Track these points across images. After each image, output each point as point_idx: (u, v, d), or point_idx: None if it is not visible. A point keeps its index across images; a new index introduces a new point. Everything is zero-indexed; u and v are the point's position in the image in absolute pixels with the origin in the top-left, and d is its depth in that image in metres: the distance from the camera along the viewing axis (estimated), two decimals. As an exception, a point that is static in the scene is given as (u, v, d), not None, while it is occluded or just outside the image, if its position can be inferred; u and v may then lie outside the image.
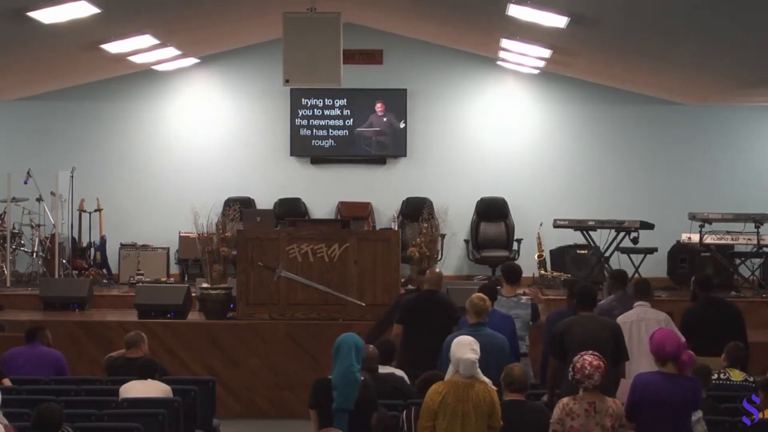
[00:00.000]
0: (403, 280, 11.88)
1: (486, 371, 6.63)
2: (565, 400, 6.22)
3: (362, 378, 6.54)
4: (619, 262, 13.59)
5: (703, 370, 7.25)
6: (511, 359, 7.67)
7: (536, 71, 15.31)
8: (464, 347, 6.30)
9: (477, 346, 6.31)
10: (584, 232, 13.79)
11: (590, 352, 6.34)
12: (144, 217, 15.40)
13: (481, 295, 7.92)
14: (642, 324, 8.69)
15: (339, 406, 6.36)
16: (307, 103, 15.58)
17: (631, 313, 8.81)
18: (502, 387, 6.66)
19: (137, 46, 13.20)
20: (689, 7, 9.61)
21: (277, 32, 12.16)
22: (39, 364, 9.00)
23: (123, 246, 14.77)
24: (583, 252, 14.24)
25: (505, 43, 13.36)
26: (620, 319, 8.71)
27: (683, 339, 6.90)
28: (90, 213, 14.74)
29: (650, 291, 9.21)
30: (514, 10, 10.64)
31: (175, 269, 14.91)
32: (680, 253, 14.18)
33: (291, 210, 15.14)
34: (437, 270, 9.63)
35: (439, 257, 13.37)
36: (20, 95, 15.43)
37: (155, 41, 13.12)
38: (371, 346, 7.63)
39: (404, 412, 6.76)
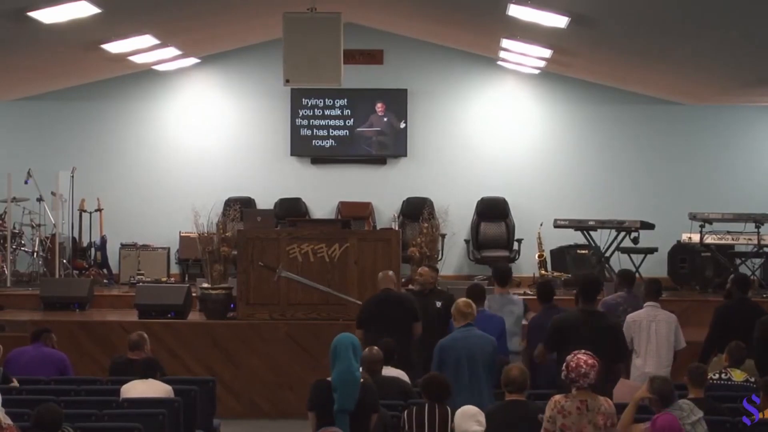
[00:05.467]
0: (403, 280, 11.88)
1: (475, 371, 6.68)
2: (557, 397, 6.20)
3: (362, 379, 6.52)
4: (619, 262, 13.61)
5: (698, 370, 7.25)
6: (501, 357, 7.73)
7: (536, 71, 15.31)
8: (469, 420, 6.28)
9: (482, 417, 6.28)
10: (585, 232, 13.79)
11: (584, 351, 6.32)
12: (144, 217, 15.40)
13: (467, 300, 7.95)
14: (653, 324, 8.75)
15: (341, 406, 6.34)
16: (307, 103, 15.58)
17: (641, 313, 8.84)
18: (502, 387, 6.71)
19: (137, 46, 13.19)
20: (689, 7, 9.61)
21: (277, 32, 12.16)
22: (43, 364, 9.02)
23: (123, 246, 14.77)
24: (583, 252, 14.23)
25: (505, 43, 13.36)
26: (630, 318, 8.77)
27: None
28: (90, 213, 14.74)
29: (660, 291, 9.26)
30: (515, 10, 10.64)
31: (175, 269, 14.91)
32: (681, 253, 14.18)
33: (291, 210, 15.15)
34: (390, 272, 9.72)
35: (440, 257, 13.39)
36: (20, 95, 15.44)
37: (155, 41, 13.12)
38: (375, 347, 7.65)
39: (405, 412, 6.77)
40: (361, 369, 7.36)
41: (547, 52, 13.30)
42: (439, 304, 9.44)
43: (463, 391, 7.37)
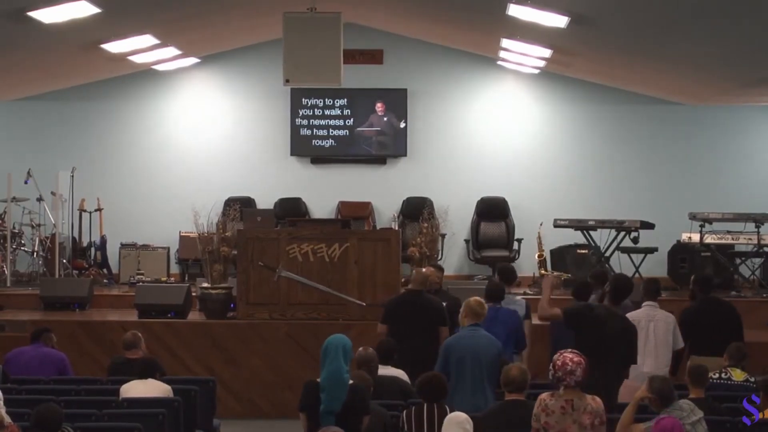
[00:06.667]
0: (403, 279, 11.88)
1: (478, 371, 6.67)
2: (543, 395, 6.19)
3: (352, 381, 6.51)
4: (619, 261, 13.61)
5: (699, 370, 7.25)
6: (507, 360, 7.72)
7: (536, 71, 15.30)
8: (455, 427, 6.26)
9: (470, 426, 6.28)
10: (584, 231, 13.79)
11: (570, 349, 6.32)
12: (144, 216, 15.40)
13: (479, 300, 7.95)
14: (651, 324, 8.76)
15: (326, 408, 6.33)
16: (307, 102, 15.57)
17: (640, 313, 8.84)
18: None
19: (137, 46, 13.19)
20: (689, 7, 9.61)
21: (277, 32, 12.16)
22: (42, 364, 9.03)
23: (123, 246, 14.77)
24: (583, 252, 14.22)
25: (505, 42, 13.36)
26: (629, 317, 8.74)
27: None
28: (90, 213, 14.73)
29: (659, 291, 9.26)
30: (515, 10, 10.64)
31: (175, 269, 14.91)
32: (680, 253, 14.18)
33: (291, 210, 15.14)
34: (423, 270, 9.67)
35: (440, 257, 13.37)
36: (20, 95, 15.44)
37: (155, 41, 13.12)
38: (370, 348, 7.64)
39: (404, 412, 6.77)
40: (358, 369, 7.39)
41: (547, 52, 13.30)
42: (443, 305, 9.43)
43: (465, 390, 7.38)
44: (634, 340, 7.74)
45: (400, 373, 7.90)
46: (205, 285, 11.81)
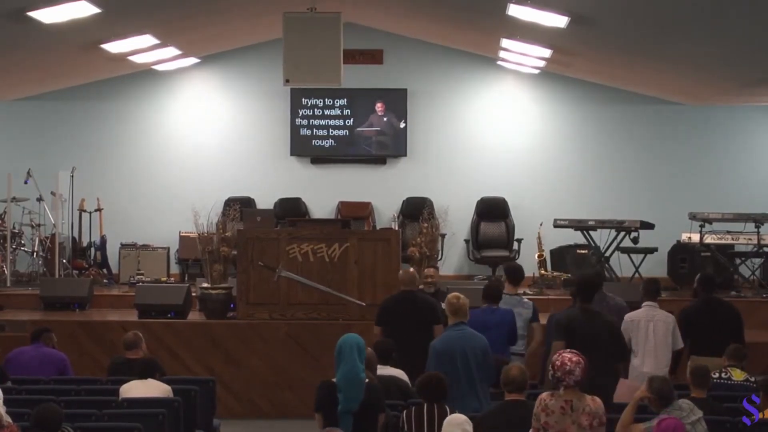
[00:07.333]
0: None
1: (469, 370, 6.67)
2: (543, 395, 6.19)
3: (367, 379, 6.52)
4: (619, 261, 13.63)
5: (701, 370, 7.25)
6: (499, 358, 7.71)
7: (536, 71, 15.31)
8: (456, 428, 6.25)
9: (470, 426, 6.28)
10: (584, 231, 13.79)
11: (568, 350, 6.33)
12: (144, 216, 15.40)
13: (456, 293, 7.90)
14: (650, 324, 8.76)
15: (344, 407, 6.34)
16: (307, 102, 15.57)
17: (639, 313, 8.86)
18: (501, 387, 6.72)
19: (137, 46, 13.19)
20: (689, 7, 9.62)
21: (277, 32, 12.17)
22: (42, 364, 9.03)
23: (123, 246, 14.76)
24: (583, 252, 14.23)
25: (505, 42, 13.36)
26: (629, 317, 8.79)
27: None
28: (90, 213, 14.74)
29: (659, 291, 9.27)
30: (515, 10, 10.64)
31: (175, 269, 14.91)
32: (680, 253, 14.18)
33: (291, 210, 15.14)
34: (411, 269, 9.64)
35: (440, 257, 13.39)
36: (20, 95, 15.44)
37: (155, 41, 13.12)
38: (369, 348, 7.64)
39: (404, 412, 6.77)
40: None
41: (547, 52, 13.30)
42: (439, 304, 9.43)
43: (460, 391, 7.37)
44: (618, 335, 7.76)
45: (399, 373, 7.89)
46: (205, 285, 11.82)
